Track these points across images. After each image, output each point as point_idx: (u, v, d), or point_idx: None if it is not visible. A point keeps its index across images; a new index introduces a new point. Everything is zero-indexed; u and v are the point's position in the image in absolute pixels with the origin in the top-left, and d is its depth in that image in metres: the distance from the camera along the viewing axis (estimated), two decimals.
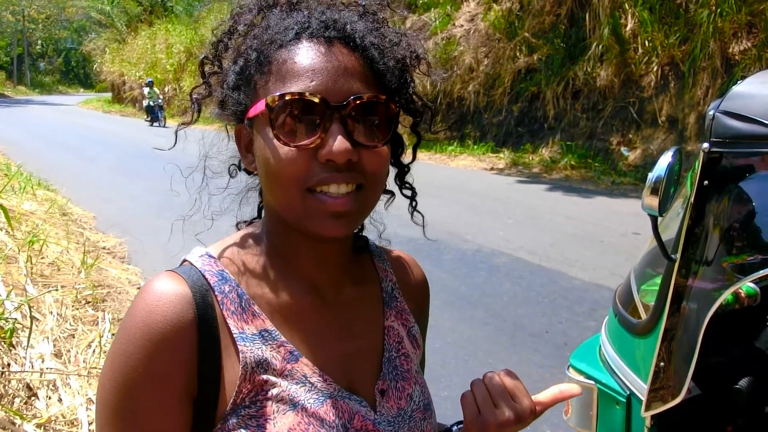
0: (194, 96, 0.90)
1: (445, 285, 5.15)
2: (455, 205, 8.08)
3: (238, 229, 0.95)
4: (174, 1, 31.46)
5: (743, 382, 1.63)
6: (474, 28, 14.12)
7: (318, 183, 0.77)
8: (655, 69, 10.34)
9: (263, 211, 0.91)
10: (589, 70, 11.27)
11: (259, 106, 0.79)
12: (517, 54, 12.85)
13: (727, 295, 1.30)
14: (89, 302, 4.20)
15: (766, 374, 1.70)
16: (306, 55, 0.78)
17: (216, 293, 0.79)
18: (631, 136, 10.56)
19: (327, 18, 0.82)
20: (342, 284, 0.90)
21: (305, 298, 0.86)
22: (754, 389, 1.64)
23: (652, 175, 1.30)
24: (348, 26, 0.82)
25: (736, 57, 9.31)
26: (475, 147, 12.83)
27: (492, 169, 11.47)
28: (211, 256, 0.84)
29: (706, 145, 1.27)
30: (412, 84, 0.88)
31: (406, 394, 0.90)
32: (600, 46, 11.01)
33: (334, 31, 0.81)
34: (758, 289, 1.73)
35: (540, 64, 12.34)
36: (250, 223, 0.97)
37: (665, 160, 1.31)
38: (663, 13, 10.37)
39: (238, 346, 0.78)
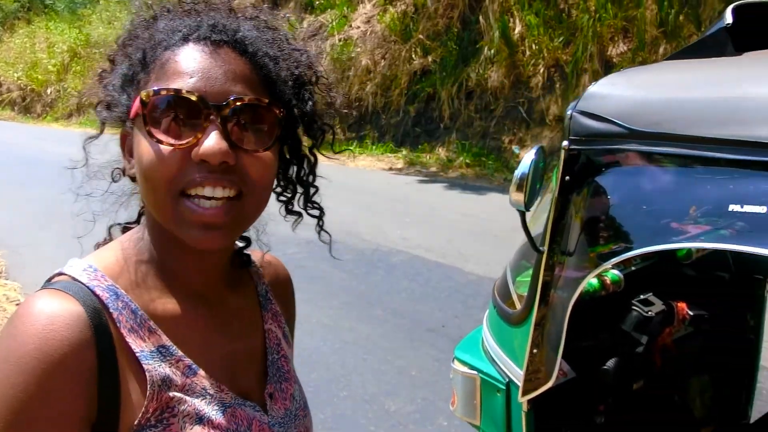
0: (98, 110, 0.85)
1: (343, 285, 5.18)
2: (354, 205, 8.12)
3: (110, 233, 0.91)
4: None
5: (610, 363, 1.75)
6: (370, 30, 14.24)
7: (190, 184, 0.73)
8: (541, 71, 10.84)
9: (144, 219, 0.87)
10: (481, 71, 11.64)
11: (137, 104, 0.76)
12: (413, 55, 13.07)
13: (586, 283, 1.38)
14: None
15: (631, 355, 1.83)
16: (189, 55, 0.76)
17: (111, 310, 0.75)
18: (521, 134, 11.01)
19: (217, 22, 0.80)
20: (224, 292, 0.89)
21: (194, 309, 0.83)
22: (621, 369, 1.77)
23: (517, 173, 1.37)
24: (239, 32, 0.80)
25: (614, 59, 9.93)
26: (374, 147, 12.94)
27: (391, 169, 11.61)
28: (96, 270, 0.78)
29: (565, 143, 1.35)
30: (310, 102, 0.86)
31: (289, 394, 0.91)
32: (491, 49, 11.42)
33: (223, 35, 0.79)
34: (622, 276, 1.87)
35: (435, 65, 12.62)
36: (125, 227, 0.92)
37: (528, 158, 1.38)
38: (548, 17, 10.90)
39: (144, 365, 0.74)
